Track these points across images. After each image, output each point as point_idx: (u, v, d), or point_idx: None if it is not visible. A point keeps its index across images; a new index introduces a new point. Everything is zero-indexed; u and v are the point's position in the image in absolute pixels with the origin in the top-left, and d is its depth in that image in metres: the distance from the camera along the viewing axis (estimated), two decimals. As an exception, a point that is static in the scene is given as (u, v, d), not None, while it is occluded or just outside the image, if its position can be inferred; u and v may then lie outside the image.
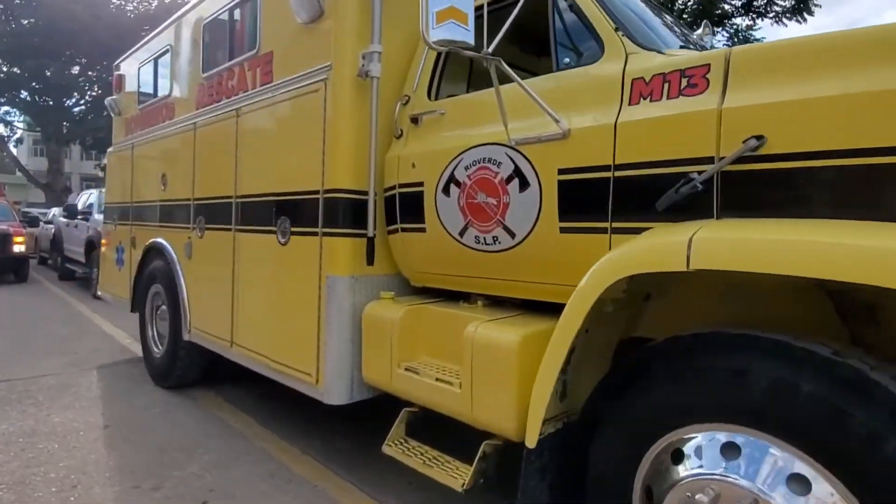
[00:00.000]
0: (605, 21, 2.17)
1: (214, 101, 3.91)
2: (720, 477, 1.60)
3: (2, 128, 25.95)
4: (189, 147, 4.17)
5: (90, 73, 23.11)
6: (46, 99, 22.94)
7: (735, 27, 12.97)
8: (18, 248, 10.91)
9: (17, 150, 28.98)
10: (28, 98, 23.32)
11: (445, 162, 2.52)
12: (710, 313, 2.00)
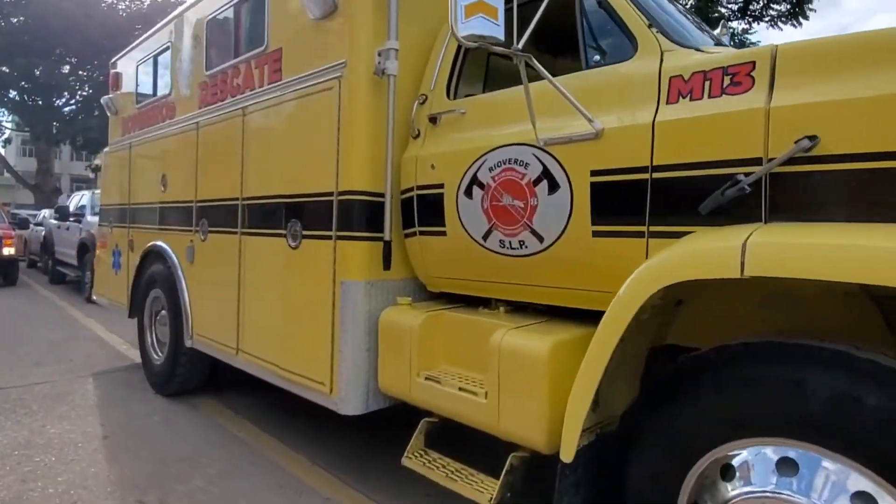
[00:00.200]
0: (638, 18, 2.09)
1: (218, 100, 3.80)
2: (774, 494, 1.52)
3: (-10, 128, 25.64)
4: (191, 147, 4.05)
5: (81, 73, 22.84)
6: (36, 98, 22.64)
7: (731, 31, 13.01)
8: (8, 251, 10.69)
9: (6, 151, 28.53)
10: (17, 97, 23.00)
11: (467, 163, 2.43)
12: (744, 320, 1.93)
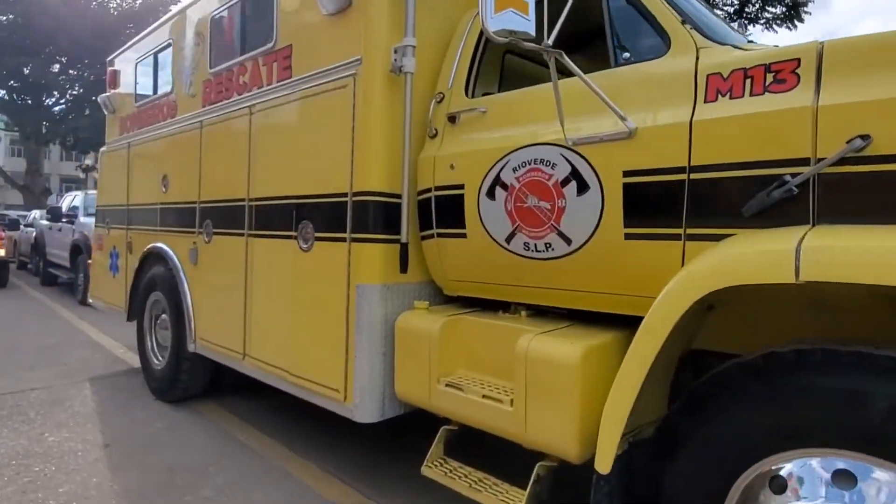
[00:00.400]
0: (670, 14, 2.03)
1: (224, 98, 3.70)
2: (829, 507, 1.46)
3: (-23, 128, 25.29)
4: (194, 146, 3.95)
5: (71, 72, 22.57)
6: (25, 97, 22.34)
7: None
8: (-2, 252, 10.52)
9: (-6, 151, 28.20)
10: (6, 96, 22.68)
11: (490, 163, 2.36)
12: (778, 324, 1.88)
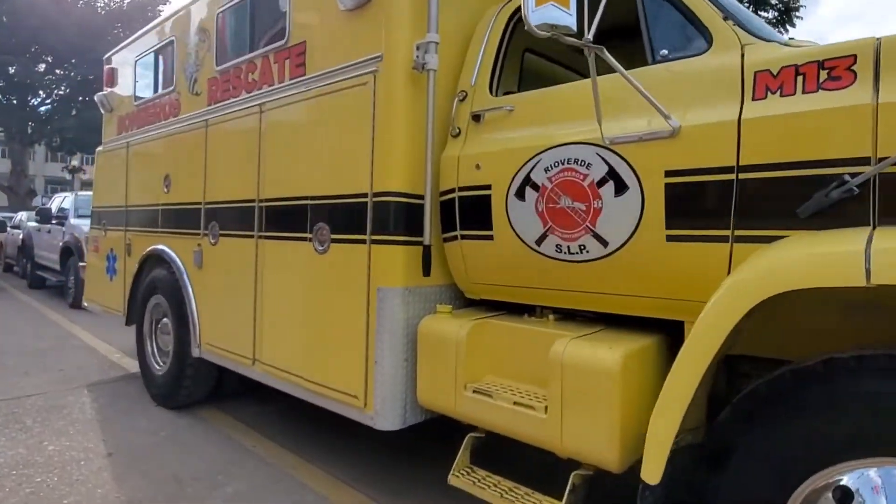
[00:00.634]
0: (711, 9, 1.97)
1: (231, 96, 3.61)
2: (894, 519, 1.40)
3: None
4: (199, 146, 3.85)
5: (57, 72, 22.22)
6: (10, 97, 21.93)
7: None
8: (-16, 255, 10.28)
9: (-23, 152, 27.71)
10: (-10, 96, 22.30)
11: (519, 163, 2.30)
12: (819, 329, 1.83)
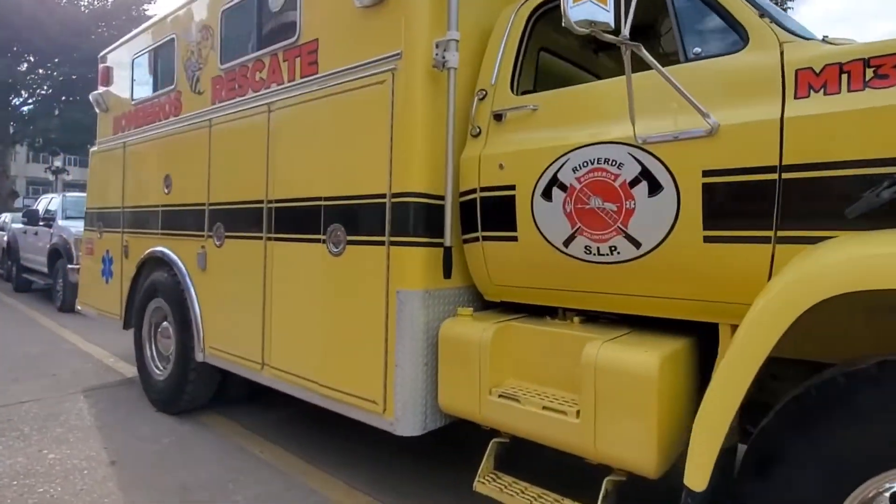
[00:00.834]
0: (746, 7, 1.95)
1: (237, 95, 3.53)
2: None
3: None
4: (202, 146, 3.76)
5: (40, 71, 21.82)
6: (-9, 97, 21.54)
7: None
8: (-32, 258, 10.04)
9: (-44, 152, 27.10)
10: (-30, 96, 21.84)
11: (545, 163, 2.25)
12: (845, 331, 1.82)
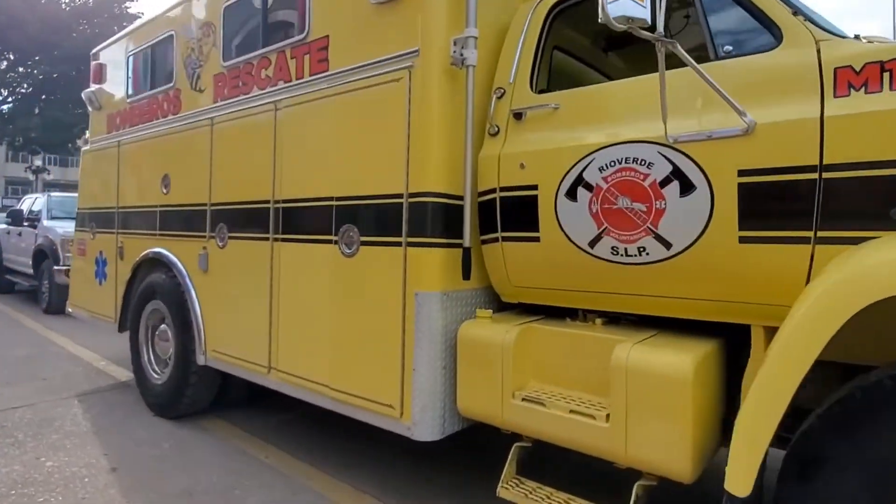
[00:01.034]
0: (780, 5, 1.93)
1: (241, 94, 3.45)
2: None
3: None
4: (204, 145, 3.67)
5: (20, 69, 21.39)
6: (-30, 95, 21.08)
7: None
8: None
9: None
10: (-52, 94, 21.37)
11: (570, 162, 2.22)
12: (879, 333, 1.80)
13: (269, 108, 3.20)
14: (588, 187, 2.17)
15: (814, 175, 1.71)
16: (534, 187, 2.33)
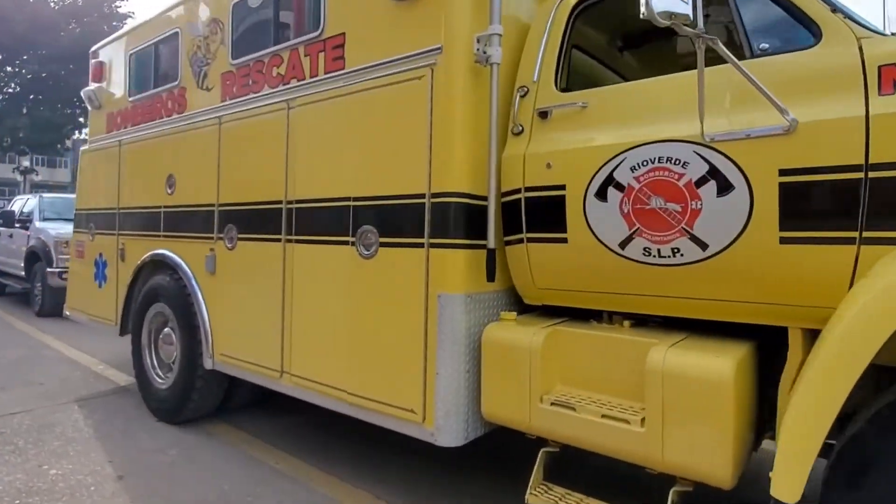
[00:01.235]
0: (818, 2, 1.90)
1: (251, 92, 3.38)
2: None
3: None
4: (211, 144, 3.60)
5: (8, 69, 21.10)
6: (-44, 95, 20.76)
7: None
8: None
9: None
10: (-66, 93, 21.03)
11: (599, 162, 2.18)
12: None
13: (282, 107, 3.14)
14: (619, 187, 2.13)
15: (859, 174, 1.68)
16: (561, 187, 2.29)
